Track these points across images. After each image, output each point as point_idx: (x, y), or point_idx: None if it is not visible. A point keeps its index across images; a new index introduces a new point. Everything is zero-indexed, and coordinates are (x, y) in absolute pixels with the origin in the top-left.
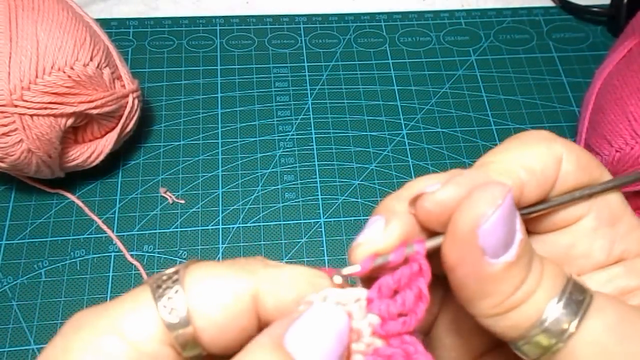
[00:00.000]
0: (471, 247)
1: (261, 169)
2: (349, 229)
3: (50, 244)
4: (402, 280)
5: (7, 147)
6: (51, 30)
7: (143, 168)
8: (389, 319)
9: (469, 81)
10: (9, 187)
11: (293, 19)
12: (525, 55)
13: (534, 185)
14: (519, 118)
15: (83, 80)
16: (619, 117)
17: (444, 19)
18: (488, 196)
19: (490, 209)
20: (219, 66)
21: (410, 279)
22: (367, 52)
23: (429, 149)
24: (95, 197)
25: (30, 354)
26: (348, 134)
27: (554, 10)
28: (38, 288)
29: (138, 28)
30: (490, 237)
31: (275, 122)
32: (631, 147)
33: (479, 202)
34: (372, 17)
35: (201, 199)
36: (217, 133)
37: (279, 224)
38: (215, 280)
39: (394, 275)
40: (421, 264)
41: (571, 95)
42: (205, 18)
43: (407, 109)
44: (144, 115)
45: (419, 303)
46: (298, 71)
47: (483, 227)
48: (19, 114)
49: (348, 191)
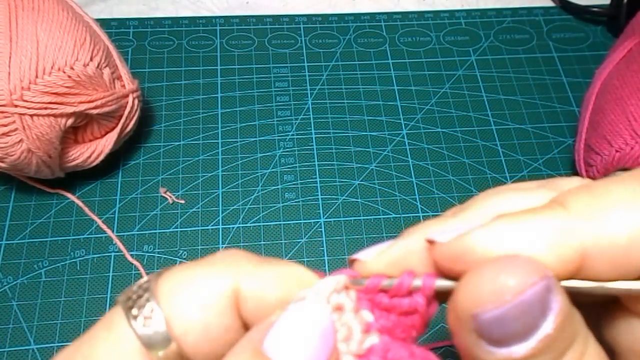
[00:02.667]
0: (466, 328)
1: (261, 169)
2: (349, 229)
3: (50, 244)
4: (396, 309)
5: (7, 147)
6: (51, 30)
7: (143, 168)
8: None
9: (469, 81)
10: (9, 187)
11: (293, 19)
12: (525, 55)
13: (606, 257)
14: (519, 118)
15: (83, 80)
16: (619, 117)
17: (444, 19)
18: (491, 284)
19: (493, 303)
20: (219, 66)
21: (406, 312)
22: (367, 52)
23: (429, 149)
24: (95, 197)
25: (30, 354)
26: (348, 134)
27: (554, 10)
28: (38, 288)
29: (138, 28)
30: (493, 328)
31: (275, 122)
32: (631, 147)
33: (483, 288)
34: (372, 17)
35: (201, 199)
36: (217, 133)
37: (279, 224)
38: (192, 287)
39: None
40: (417, 304)
41: (571, 95)
42: (205, 18)
43: (407, 109)
44: (144, 115)
45: (412, 331)
46: (298, 71)
47: (483, 316)
48: (19, 114)
49: (348, 191)
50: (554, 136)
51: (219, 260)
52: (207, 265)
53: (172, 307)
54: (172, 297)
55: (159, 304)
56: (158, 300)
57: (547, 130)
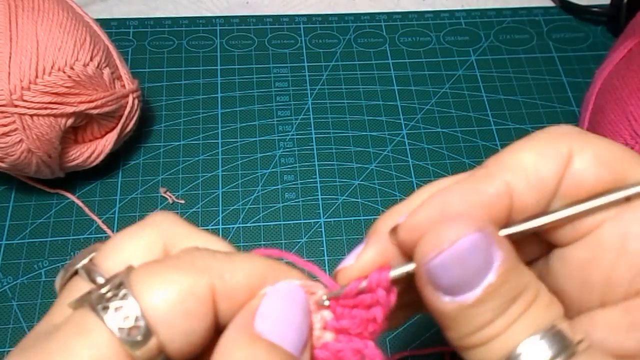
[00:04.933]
0: (423, 282)
1: (261, 169)
2: (349, 229)
3: (50, 244)
4: (361, 304)
5: (7, 147)
6: (51, 30)
7: (143, 168)
8: (344, 316)
9: (469, 81)
10: (9, 187)
11: (293, 19)
12: (525, 55)
13: (526, 189)
14: (519, 118)
15: (83, 80)
16: (619, 117)
17: (444, 19)
18: (434, 237)
19: (433, 251)
20: (219, 66)
21: (369, 306)
22: (367, 52)
23: (429, 149)
24: (95, 197)
25: None
26: (348, 134)
27: (554, 10)
28: (38, 288)
29: (138, 28)
30: (442, 276)
31: (275, 122)
32: (631, 147)
33: (428, 241)
34: (372, 17)
35: (201, 199)
36: (217, 133)
37: (279, 224)
38: (170, 285)
39: (355, 298)
40: (379, 297)
41: (571, 95)
42: (205, 18)
43: (407, 109)
44: (144, 115)
45: (370, 325)
46: (298, 71)
47: (430, 264)
48: (19, 114)
49: (348, 191)
50: None
51: (187, 257)
52: (182, 267)
53: (154, 311)
54: (153, 302)
55: (140, 305)
56: (139, 301)
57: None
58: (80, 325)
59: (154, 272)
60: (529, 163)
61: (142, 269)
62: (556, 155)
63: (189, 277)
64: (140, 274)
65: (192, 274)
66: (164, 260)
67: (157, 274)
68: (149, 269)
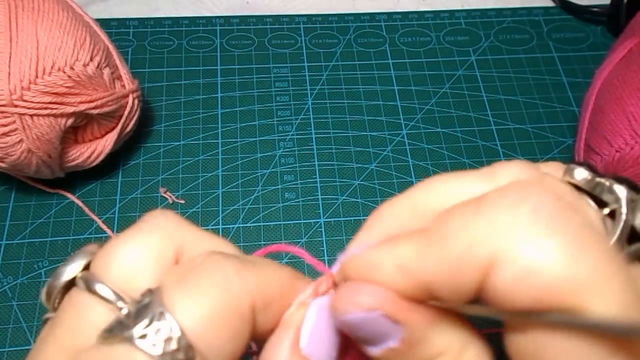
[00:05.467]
0: None
1: (261, 169)
2: (349, 229)
3: (50, 244)
4: None
5: (7, 147)
6: (51, 30)
7: (143, 168)
8: None
9: (469, 81)
10: (9, 187)
11: (293, 19)
12: (525, 55)
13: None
14: (519, 118)
15: (83, 80)
16: (619, 117)
17: (444, 19)
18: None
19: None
20: (219, 66)
21: None
22: (367, 52)
23: (429, 149)
24: (95, 197)
25: None
26: (348, 134)
27: (554, 10)
28: (38, 288)
29: (138, 28)
30: (347, 330)
31: (275, 122)
32: (631, 147)
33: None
34: (372, 17)
35: (201, 199)
36: (217, 133)
37: (279, 224)
38: (210, 302)
39: None
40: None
41: (571, 95)
42: (205, 18)
43: (407, 109)
44: (144, 115)
45: None
46: (298, 71)
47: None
48: (19, 114)
49: (348, 191)
50: (554, 136)
51: (218, 270)
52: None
53: (198, 333)
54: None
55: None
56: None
57: (547, 130)
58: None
59: (189, 290)
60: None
61: (173, 286)
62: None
63: (227, 292)
64: (174, 293)
65: (229, 289)
66: (193, 273)
67: (193, 291)
68: (182, 286)
